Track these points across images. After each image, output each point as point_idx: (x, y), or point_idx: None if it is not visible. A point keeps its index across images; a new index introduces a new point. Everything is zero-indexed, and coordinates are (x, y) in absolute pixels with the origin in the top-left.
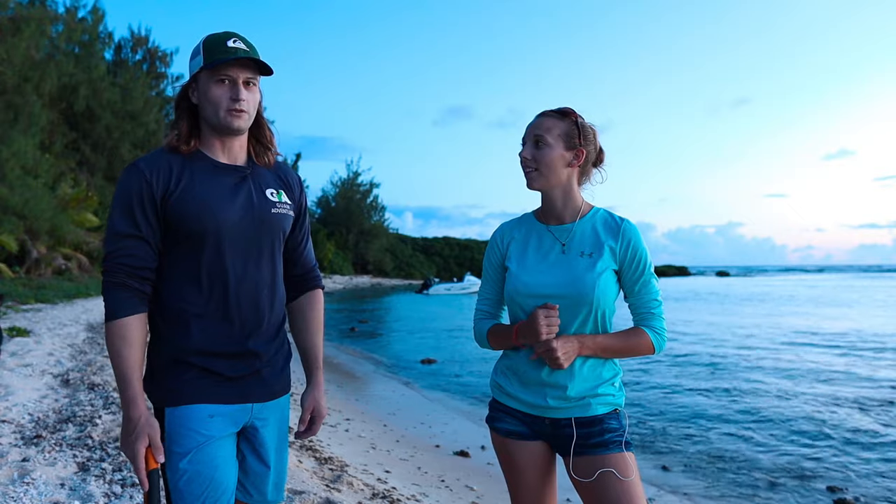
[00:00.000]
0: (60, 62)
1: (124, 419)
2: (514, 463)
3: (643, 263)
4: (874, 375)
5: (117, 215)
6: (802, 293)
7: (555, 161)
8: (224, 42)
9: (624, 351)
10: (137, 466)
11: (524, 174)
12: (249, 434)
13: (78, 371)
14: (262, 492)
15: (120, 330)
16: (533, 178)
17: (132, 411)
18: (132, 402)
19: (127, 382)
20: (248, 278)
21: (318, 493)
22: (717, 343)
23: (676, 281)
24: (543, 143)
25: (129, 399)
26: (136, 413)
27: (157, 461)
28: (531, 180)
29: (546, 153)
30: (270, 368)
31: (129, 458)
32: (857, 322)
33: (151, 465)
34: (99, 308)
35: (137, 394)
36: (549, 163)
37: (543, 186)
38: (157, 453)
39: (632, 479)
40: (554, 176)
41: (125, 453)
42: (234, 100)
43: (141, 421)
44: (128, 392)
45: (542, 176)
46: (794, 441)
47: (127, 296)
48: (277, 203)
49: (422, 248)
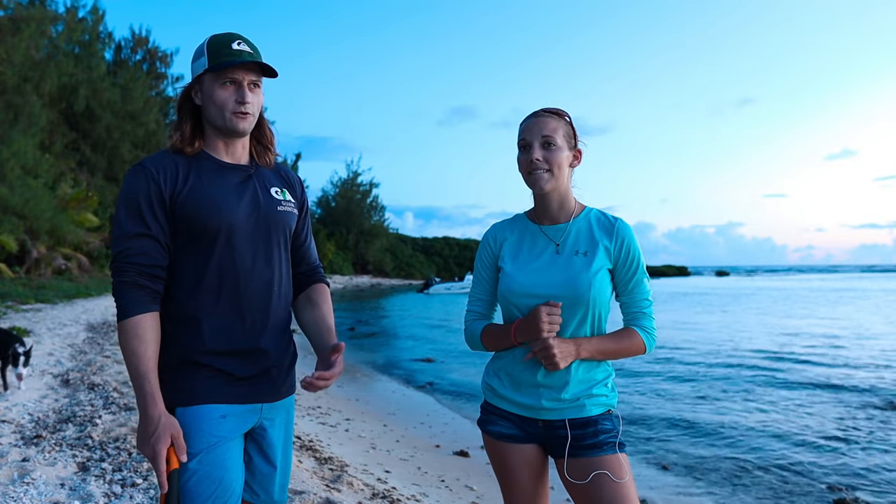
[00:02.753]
0: (60, 62)
1: (143, 418)
2: (507, 466)
3: (636, 263)
4: (874, 375)
5: (125, 215)
6: (803, 293)
7: (563, 162)
8: (229, 44)
9: (619, 352)
10: (159, 467)
11: (532, 177)
12: (257, 434)
13: (78, 371)
14: (268, 492)
15: (134, 328)
16: (545, 180)
17: (152, 409)
18: (151, 399)
19: (144, 379)
20: (258, 276)
21: (318, 493)
22: (715, 343)
23: (676, 281)
24: (554, 145)
25: (148, 396)
26: (157, 411)
27: (180, 461)
28: (543, 182)
29: (557, 154)
30: (278, 368)
31: (148, 457)
32: (857, 322)
33: (174, 465)
34: (99, 308)
35: (156, 391)
36: (560, 164)
37: (554, 188)
38: (181, 453)
39: (625, 480)
40: (562, 177)
41: (144, 453)
42: (240, 102)
43: (162, 420)
44: (146, 389)
45: (554, 177)
46: (794, 441)
47: (140, 294)
48: (282, 201)
49: (422, 248)
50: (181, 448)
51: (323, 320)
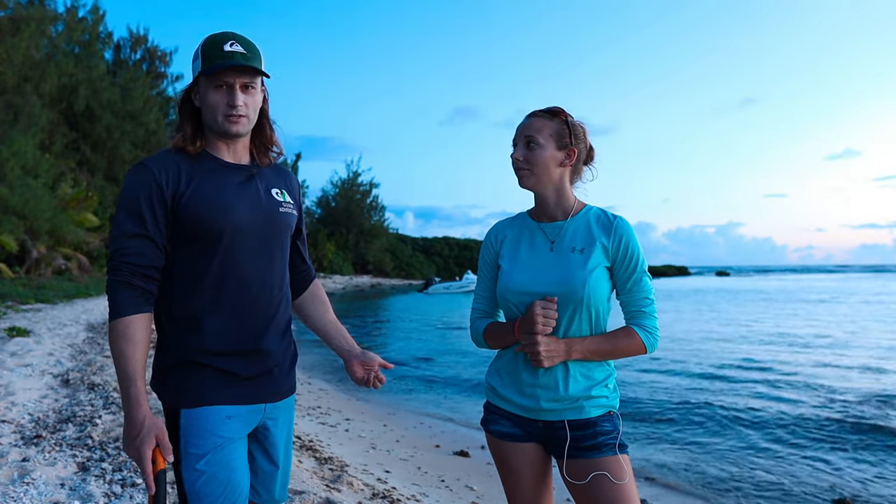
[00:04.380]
0: (60, 62)
1: (127, 420)
2: (510, 465)
3: (636, 261)
4: (874, 375)
5: (124, 214)
6: (804, 293)
7: (546, 161)
8: (221, 45)
9: (614, 353)
10: (145, 468)
11: (516, 174)
12: (260, 434)
13: (78, 371)
14: (270, 491)
15: (125, 328)
16: (525, 177)
17: (136, 412)
18: (136, 402)
19: (131, 381)
20: (259, 276)
21: (318, 493)
22: (716, 343)
23: (676, 281)
24: (535, 144)
25: (133, 399)
26: (141, 414)
27: (166, 461)
28: (523, 178)
29: (538, 153)
30: (280, 368)
31: (134, 459)
32: (856, 321)
33: (160, 466)
34: (99, 308)
35: (141, 394)
36: (542, 163)
37: (535, 186)
38: (167, 453)
39: (625, 481)
40: (546, 176)
41: (129, 455)
42: (231, 106)
43: (146, 422)
44: (131, 391)
45: (535, 175)
46: (794, 441)
47: (132, 294)
48: (283, 202)
49: (422, 248)
50: (167, 448)
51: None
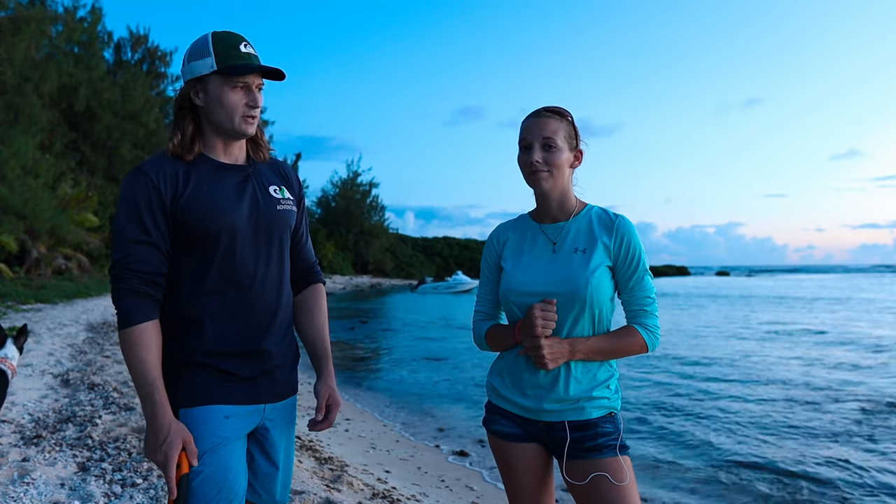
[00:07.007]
0: (60, 62)
1: (152, 425)
2: (511, 465)
3: (637, 260)
4: (874, 375)
5: (125, 221)
6: (804, 293)
7: (563, 163)
8: (237, 46)
9: (617, 352)
10: (169, 473)
11: (532, 178)
12: (260, 435)
13: (78, 371)
14: (270, 492)
15: (139, 336)
16: (544, 180)
17: (162, 416)
18: (160, 406)
19: (153, 386)
20: (260, 276)
21: (318, 493)
22: (717, 343)
23: (676, 281)
24: (554, 146)
25: (157, 403)
26: (167, 418)
27: (191, 465)
28: (542, 181)
29: (557, 156)
30: (281, 368)
31: (159, 463)
32: (856, 322)
33: (185, 470)
34: (99, 308)
35: (165, 399)
36: (560, 165)
37: (552, 188)
38: (193, 457)
39: (625, 483)
40: (561, 178)
41: (153, 459)
42: (252, 106)
43: (172, 426)
44: (155, 396)
45: (553, 178)
46: (794, 442)
47: (141, 302)
48: (282, 200)
49: (422, 248)
50: (193, 453)
51: (321, 340)
